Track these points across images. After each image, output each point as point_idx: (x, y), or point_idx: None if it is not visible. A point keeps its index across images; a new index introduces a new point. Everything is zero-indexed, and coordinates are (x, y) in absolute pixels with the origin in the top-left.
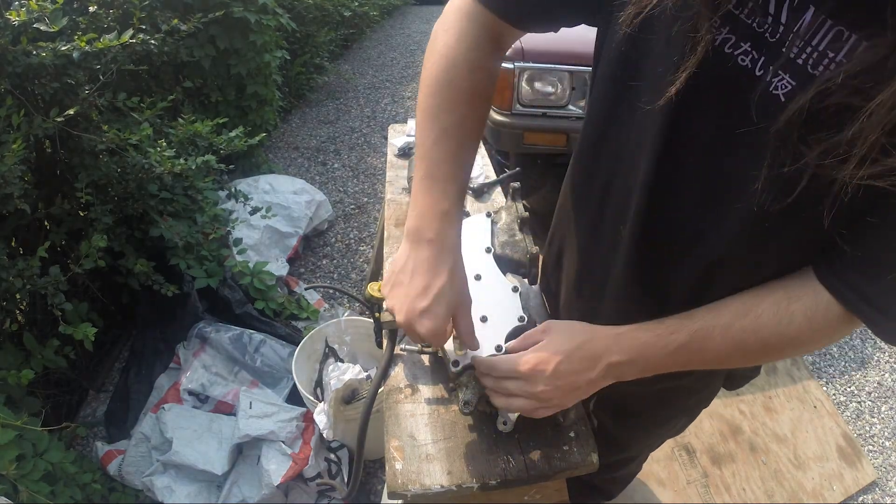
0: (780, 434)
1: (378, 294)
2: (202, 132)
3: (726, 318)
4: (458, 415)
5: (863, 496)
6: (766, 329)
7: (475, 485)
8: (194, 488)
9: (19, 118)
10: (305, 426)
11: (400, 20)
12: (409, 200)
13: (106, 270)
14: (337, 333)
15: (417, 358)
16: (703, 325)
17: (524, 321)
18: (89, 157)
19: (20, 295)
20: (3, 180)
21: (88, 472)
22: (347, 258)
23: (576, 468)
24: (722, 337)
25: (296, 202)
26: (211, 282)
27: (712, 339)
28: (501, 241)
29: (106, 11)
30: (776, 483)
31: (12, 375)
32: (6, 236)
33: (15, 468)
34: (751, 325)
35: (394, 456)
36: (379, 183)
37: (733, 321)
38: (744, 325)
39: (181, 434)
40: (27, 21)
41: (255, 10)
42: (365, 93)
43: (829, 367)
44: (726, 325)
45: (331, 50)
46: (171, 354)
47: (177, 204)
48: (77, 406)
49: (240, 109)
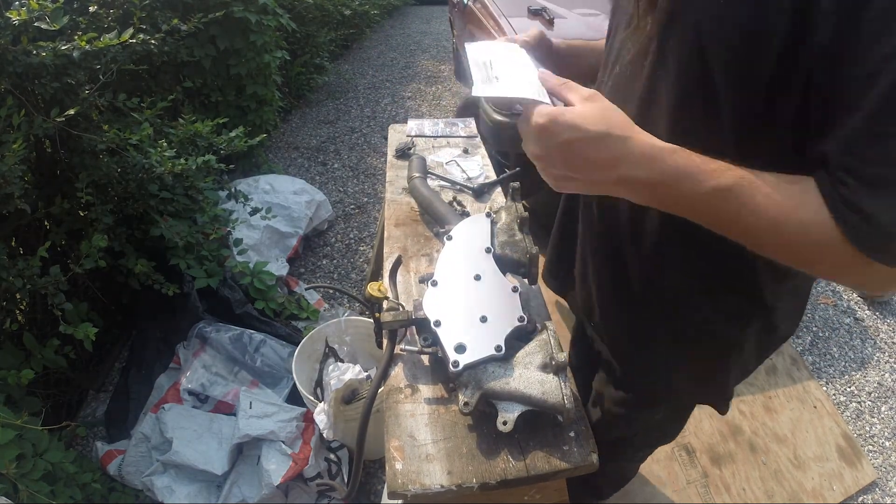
0: (780, 434)
1: (378, 294)
2: (202, 132)
3: (772, 179)
4: (458, 415)
5: (863, 496)
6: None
7: (475, 485)
8: (194, 488)
9: (19, 118)
10: (305, 426)
11: (400, 20)
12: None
13: (106, 270)
14: (337, 333)
15: (417, 358)
16: (750, 176)
17: (524, 321)
18: (89, 156)
19: (20, 295)
20: (3, 180)
21: (88, 471)
22: (347, 258)
23: (576, 468)
24: (765, 200)
25: (296, 202)
26: (211, 282)
27: (753, 198)
28: (501, 241)
29: (106, 11)
30: (776, 483)
31: (12, 375)
32: (6, 236)
33: (15, 468)
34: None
35: (394, 456)
36: (379, 183)
37: (781, 185)
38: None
39: (181, 434)
40: (27, 20)
41: (256, 10)
42: (365, 93)
43: (829, 367)
44: (773, 186)
45: (331, 50)
46: (171, 354)
47: (177, 204)
48: (77, 406)
49: (240, 109)
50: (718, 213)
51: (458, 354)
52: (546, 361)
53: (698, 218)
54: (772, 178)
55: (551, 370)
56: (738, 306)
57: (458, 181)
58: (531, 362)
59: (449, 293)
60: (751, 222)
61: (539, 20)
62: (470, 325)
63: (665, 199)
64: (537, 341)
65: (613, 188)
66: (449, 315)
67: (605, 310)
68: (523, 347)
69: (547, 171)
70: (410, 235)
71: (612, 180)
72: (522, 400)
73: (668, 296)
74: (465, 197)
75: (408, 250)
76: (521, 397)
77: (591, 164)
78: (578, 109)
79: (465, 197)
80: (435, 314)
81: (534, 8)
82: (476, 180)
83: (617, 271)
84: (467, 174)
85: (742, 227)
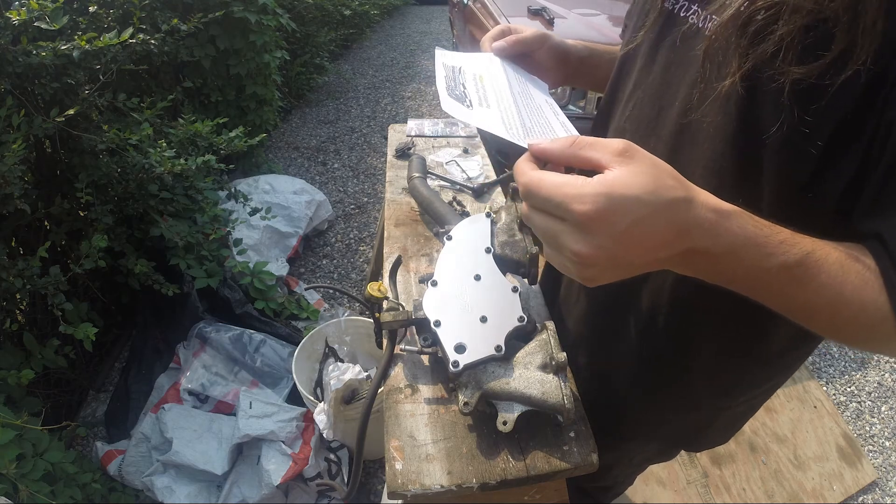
0: (780, 434)
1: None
2: (202, 132)
3: (837, 256)
4: (458, 415)
5: (863, 496)
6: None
7: (475, 485)
8: (194, 488)
9: (19, 118)
10: (305, 426)
11: (400, 20)
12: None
13: (106, 270)
14: (337, 333)
15: (417, 358)
16: (817, 251)
17: (524, 321)
18: (89, 157)
19: (20, 295)
20: (3, 180)
21: (88, 472)
22: (347, 258)
23: (576, 468)
24: (829, 279)
25: (296, 202)
26: (211, 282)
27: (818, 278)
28: (501, 241)
29: (106, 11)
30: (776, 483)
31: (12, 375)
32: (6, 236)
33: (15, 468)
34: (856, 280)
35: (394, 456)
36: (379, 183)
37: (845, 262)
38: (853, 272)
39: (181, 434)
40: (27, 20)
41: (255, 10)
42: (365, 93)
43: (829, 367)
44: (838, 264)
45: (331, 50)
46: (171, 354)
47: (177, 204)
48: (77, 406)
49: (240, 109)
50: (780, 291)
51: (458, 354)
52: (546, 361)
53: (750, 292)
54: (836, 254)
55: (551, 370)
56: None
57: (458, 181)
58: (531, 362)
59: (449, 293)
60: (808, 300)
61: (539, 20)
62: (470, 325)
63: (726, 272)
64: (537, 341)
65: (668, 264)
66: (449, 315)
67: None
68: (523, 347)
69: (589, 270)
70: (410, 235)
71: (671, 257)
72: (522, 400)
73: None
74: (465, 197)
75: (408, 250)
76: (521, 397)
77: (656, 244)
78: (627, 176)
79: (465, 197)
80: (435, 314)
81: (534, 8)
82: (476, 180)
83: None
84: (467, 174)
85: (798, 303)
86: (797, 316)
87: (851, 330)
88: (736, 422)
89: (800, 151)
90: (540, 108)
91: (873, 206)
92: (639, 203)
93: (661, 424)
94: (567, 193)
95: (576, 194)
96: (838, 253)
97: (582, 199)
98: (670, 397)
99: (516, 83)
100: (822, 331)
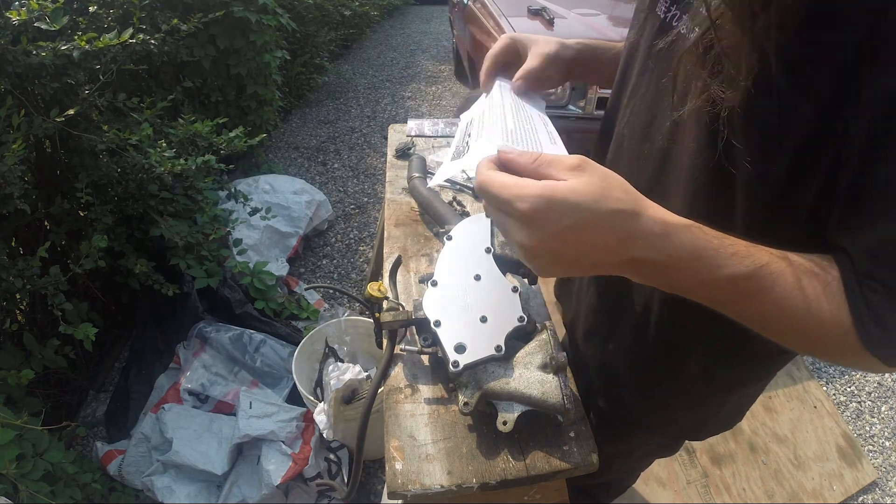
0: (780, 434)
1: (378, 294)
2: (202, 132)
3: (796, 269)
4: (458, 415)
5: (863, 496)
6: (827, 307)
7: (475, 485)
8: (194, 488)
9: (19, 118)
10: (305, 426)
11: (400, 20)
12: None
13: (106, 270)
14: (337, 333)
15: (417, 358)
16: (772, 264)
17: (524, 321)
18: (89, 157)
19: (20, 295)
20: (3, 180)
21: (88, 472)
22: (347, 258)
23: (576, 468)
24: (784, 292)
25: (296, 202)
26: (211, 282)
27: (772, 290)
28: (501, 241)
29: (106, 11)
30: (776, 483)
31: (12, 375)
32: (6, 236)
33: (15, 468)
34: (813, 294)
35: (394, 456)
36: (379, 183)
37: (804, 276)
38: (811, 286)
39: (181, 434)
40: (27, 20)
41: (256, 9)
42: (365, 93)
43: (829, 366)
44: (794, 277)
45: (331, 50)
46: (171, 354)
47: (177, 204)
48: (77, 406)
49: (240, 109)
50: (732, 302)
51: (458, 354)
52: (546, 361)
53: (706, 302)
54: (791, 270)
55: (551, 370)
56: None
57: (458, 181)
58: (531, 362)
59: (449, 293)
60: (762, 311)
61: (539, 20)
62: (470, 325)
63: (676, 282)
64: (537, 341)
65: (617, 270)
66: (449, 315)
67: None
68: (523, 347)
69: (535, 261)
70: (410, 235)
71: (618, 263)
72: (522, 400)
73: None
74: (465, 197)
75: (408, 250)
76: (521, 397)
77: (597, 247)
78: (572, 185)
79: (465, 197)
80: (435, 314)
81: (534, 8)
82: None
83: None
84: (467, 174)
85: (751, 315)
86: (755, 326)
87: (812, 344)
88: (741, 409)
89: (765, 169)
90: (531, 118)
91: (840, 221)
92: (577, 208)
93: (667, 422)
94: (512, 192)
95: (518, 194)
96: (800, 266)
97: (524, 198)
98: (671, 395)
99: (511, 102)
100: (785, 343)
